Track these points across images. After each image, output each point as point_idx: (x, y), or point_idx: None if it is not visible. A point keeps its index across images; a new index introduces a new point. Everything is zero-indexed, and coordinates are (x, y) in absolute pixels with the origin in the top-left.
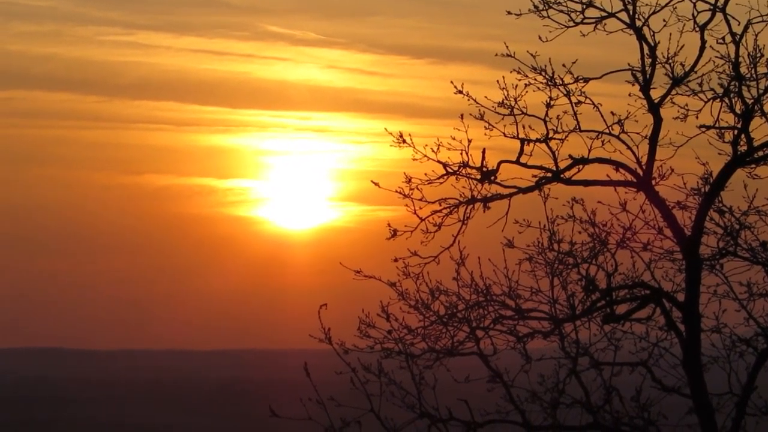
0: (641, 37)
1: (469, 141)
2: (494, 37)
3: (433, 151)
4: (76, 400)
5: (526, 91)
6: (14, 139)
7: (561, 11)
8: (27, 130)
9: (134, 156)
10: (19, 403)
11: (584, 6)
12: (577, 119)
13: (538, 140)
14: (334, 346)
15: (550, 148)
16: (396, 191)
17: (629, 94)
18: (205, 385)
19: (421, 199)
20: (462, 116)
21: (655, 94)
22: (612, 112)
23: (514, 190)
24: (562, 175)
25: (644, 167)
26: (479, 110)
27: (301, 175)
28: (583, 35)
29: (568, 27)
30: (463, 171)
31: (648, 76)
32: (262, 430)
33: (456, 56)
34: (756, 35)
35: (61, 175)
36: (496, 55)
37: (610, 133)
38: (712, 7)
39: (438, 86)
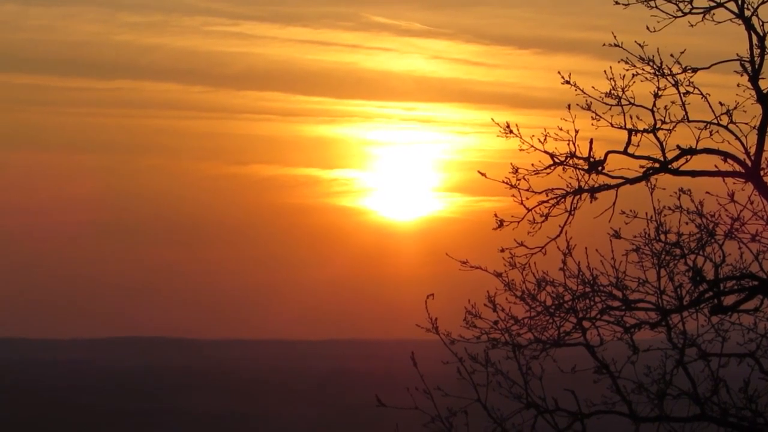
0: (750, 27)
1: (576, 131)
2: (600, 27)
3: (540, 141)
4: (179, 390)
5: (634, 82)
6: (121, 130)
7: (669, 1)
8: (133, 121)
9: (240, 146)
10: (123, 392)
11: None
12: (685, 109)
13: (645, 131)
14: (441, 336)
15: (657, 138)
16: (503, 182)
17: (737, 85)
18: (310, 375)
19: (527, 190)
20: (569, 106)
21: (764, 84)
22: (720, 103)
23: (622, 180)
24: (669, 166)
25: (753, 158)
26: (586, 101)
27: (406, 166)
28: (692, 25)
29: (676, 17)
30: (570, 161)
31: (757, 66)
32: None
33: (561, 46)
34: None
35: (167, 165)
36: (604, 45)
37: (718, 124)
38: None
39: (543, 76)
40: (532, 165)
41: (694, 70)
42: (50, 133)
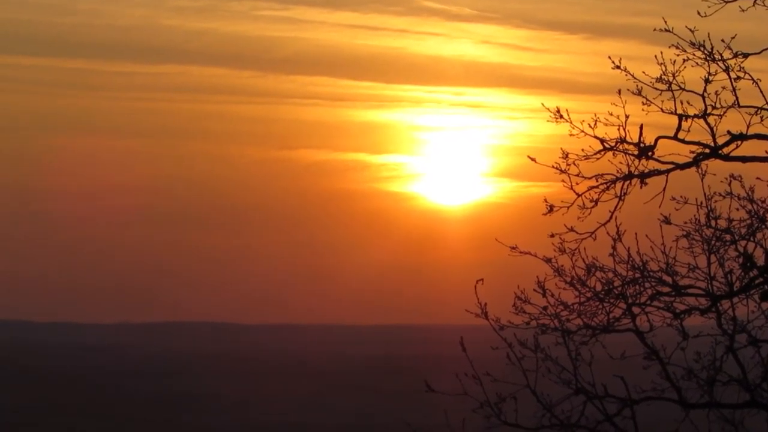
0: None
1: (627, 117)
2: (649, 12)
3: (590, 126)
4: (226, 374)
5: (684, 67)
6: (169, 114)
7: None
8: (182, 105)
9: (288, 131)
10: (173, 376)
11: None
12: (735, 95)
13: (696, 116)
14: (490, 321)
15: (708, 123)
16: (552, 167)
17: None
18: (359, 360)
19: (577, 175)
20: (619, 92)
21: None
22: None
23: (672, 166)
24: (720, 151)
25: None
26: (637, 86)
27: (455, 151)
28: (743, 10)
29: (726, 2)
30: (621, 147)
31: None
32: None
33: (611, 31)
34: None
35: (216, 150)
36: (654, 30)
37: None
38: None
39: (592, 61)
40: (582, 150)
41: (745, 56)
42: (98, 118)
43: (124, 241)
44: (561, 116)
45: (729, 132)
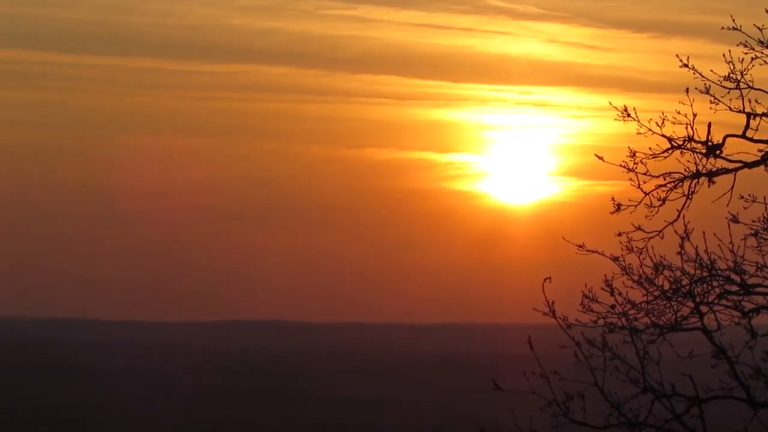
0: None
1: (694, 115)
2: (717, 10)
3: (657, 125)
4: (294, 373)
5: (753, 65)
6: (235, 114)
7: None
8: (249, 104)
9: (355, 130)
10: (239, 374)
11: None
12: None
13: (764, 114)
14: (558, 319)
15: None
16: (620, 165)
17: None
18: (425, 358)
19: (645, 174)
20: (687, 90)
21: None
22: None
23: (740, 164)
24: None
25: None
26: (705, 84)
27: (521, 150)
28: None
29: None
30: (688, 145)
31: None
32: (485, 404)
33: (678, 30)
34: None
35: (282, 148)
36: (722, 28)
37: None
38: None
39: (659, 60)
40: (650, 149)
41: None
42: (166, 117)
43: (190, 240)
44: (628, 115)
45: None
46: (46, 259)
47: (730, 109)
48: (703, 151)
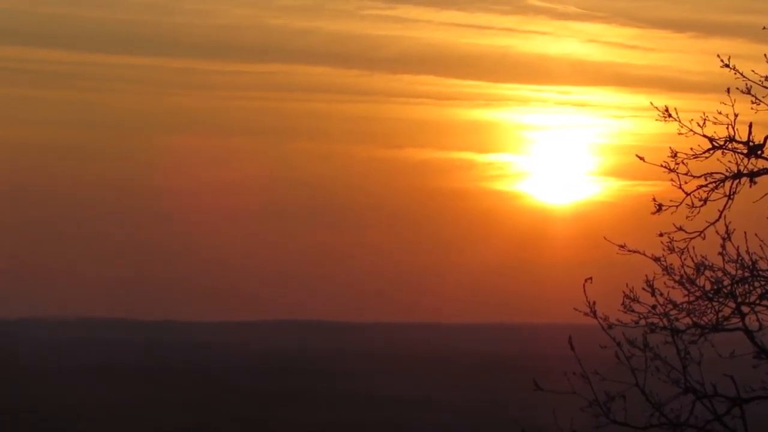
0: None
1: (736, 115)
2: (758, 10)
3: (698, 125)
4: (332, 372)
5: None
6: (275, 113)
7: None
8: (288, 104)
9: (394, 130)
10: (277, 373)
11: None
12: None
13: None
14: (599, 319)
15: None
16: (661, 165)
17: None
18: (465, 358)
19: (686, 174)
20: (728, 90)
21: None
22: None
23: None
24: None
25: None
26: (746, 84)
27: (562, 149)
28: None
29: None
30: (730, 145)
31: None
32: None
33: (718, 30)
34: None
35: (322, 148)
36: (763, 28)
37: None
38: None
39: (700, 60)
40: (691, 149)
41: None
42: (204, 117)
43: (229, 240)
44: (669, 115)
45: None
46: (83, 258)
47: None
48: (745, 151)
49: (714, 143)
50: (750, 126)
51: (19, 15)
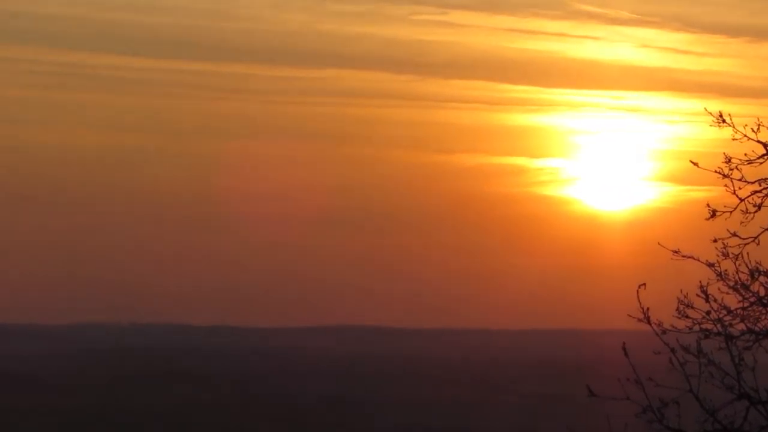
0: None
1: None
2: None
3: (752, 130)
4: (385, 378)
5: None
6: (327, 119)
7: None
8: (340, 109)
9: (446, 135)
10: (332, 379)
11: None
12: None
13: None
14: (653, 326)
15: None
16: (715, 171)
17: None
18: (517, 364)
19: (740, 179)
20: None
21: None
22: None
23: None
24: None
25: None
26: None
27: (613, 155)
28: None
29: None
30: None
31: None
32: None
33: None
34: None
35: (373, 153)
36: None
37: None
38: None
39: (755, 65)
40: (745, 155)
41: None
42: (258, 123)
43: (283, 245)
44: (723, 120)
45: None
46: (143, 263)
47: None
48: None
49: None
50: None
51: (79, 20)
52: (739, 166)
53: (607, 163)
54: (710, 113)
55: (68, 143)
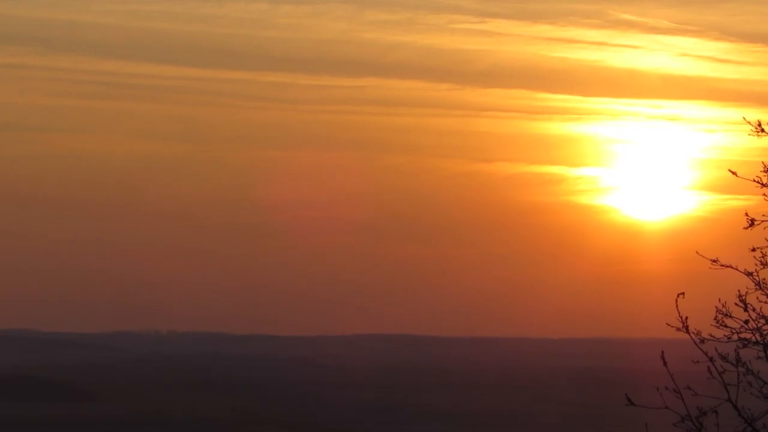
0: None
1: None
2: None
3: None
4: (421, 386)
5: None
6: (367, 127)
7: None
8: (379, 118)
9: (485, 144)
10: (365, 388)
11: None
12: None
13: None
14: (691, 335)
15: None
16: (753, 180)
17: None
18: (557, 373)
19: None
20: None
21: None
22: None
23: None
24: None
25: None
26: None
27: (652, 164)
28: None
29: None
30: None
31: None
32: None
33: None
34: None
35: (412, 162)
36: None
37: None
38: None
39: None
40: None
41: None
42: (297, 131)
43: (319, 253)
44: (762, 130)
45: None
46: (178, 271)
47: None
48: None
49: None
50: None
51: (117, 30)
52: None
53: (645, 172)
54: (749, 122)
55: (109, 151)
